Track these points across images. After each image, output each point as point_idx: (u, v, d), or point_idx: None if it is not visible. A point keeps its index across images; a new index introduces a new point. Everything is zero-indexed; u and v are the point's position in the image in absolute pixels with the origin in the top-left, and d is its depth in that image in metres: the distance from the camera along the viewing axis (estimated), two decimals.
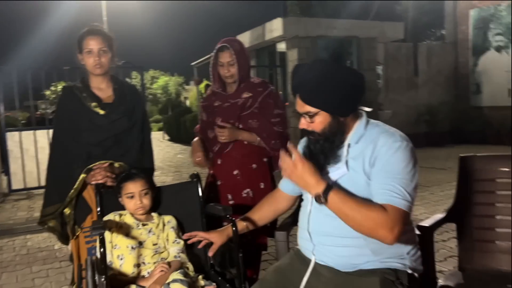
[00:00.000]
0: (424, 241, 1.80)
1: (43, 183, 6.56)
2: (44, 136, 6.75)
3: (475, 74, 10.99)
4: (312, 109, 1.47)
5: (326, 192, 1.39)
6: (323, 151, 1.50)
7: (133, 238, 1.87)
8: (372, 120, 1.57)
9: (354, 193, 1.45)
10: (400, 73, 10.94)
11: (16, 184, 6.80)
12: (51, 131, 6.81)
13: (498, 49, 10.48)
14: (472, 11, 10.91)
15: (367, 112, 1.57)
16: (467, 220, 2.01)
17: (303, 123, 1.52)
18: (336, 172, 1.49)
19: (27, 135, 6.85)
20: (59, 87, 8.15)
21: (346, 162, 1.48)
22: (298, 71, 1.53)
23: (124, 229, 1.88)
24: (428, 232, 1.83)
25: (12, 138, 6.77)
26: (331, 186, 1.41)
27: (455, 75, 11.49)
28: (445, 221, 2.03)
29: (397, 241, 1.45)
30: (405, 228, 1.39)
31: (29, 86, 7.01)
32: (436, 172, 6.94)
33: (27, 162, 6.79)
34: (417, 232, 1.69)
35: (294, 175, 1.44)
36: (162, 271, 1.75)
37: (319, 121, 1.48)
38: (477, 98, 10.97)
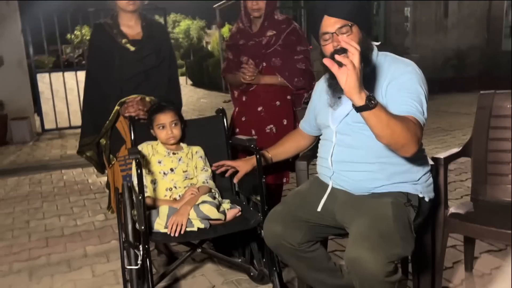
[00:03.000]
0: (437, 172, 1.90)
1: (73, 123, 6.93)
2: (72, 78, 6.95)
3: (509, 16, 10.49)
4: (348, 23, 1.52)
5: (370, 102, 1.30)
6: None
7: (165, 165, 2.03)
8: (381, 51, 1.64)
9: None
10: (429, 15, 10.55)
11: (48, 124, 7.11)
12: (79, 72, 6.99)
13: None
14: None
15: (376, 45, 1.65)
16: (482, 154, 2.08)
17: (335, 43, 1.51)
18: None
19: (57, 76, 7.06)
20: (84, 31, 8.17)
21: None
22: None
23: (156, 157, 2.04)
24: (442, 164, 1.92)
25: (43, 80, 7.00)
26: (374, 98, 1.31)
27: (487, 18, 11.00)
28: (460, 155, 2.11)
29: (411, 167, 1.56)
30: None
31: (56, 30, 7.08)
32: (460, 117, 6.90)
33: (57, 103, 7.04)
34: (431, 163, 1.79)
35: (352, 74, 1.26)
36: (192, 194, 1.91)
37: (352, 36, 1.51)
38: (509, 42, 10.56)
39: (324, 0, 1.58)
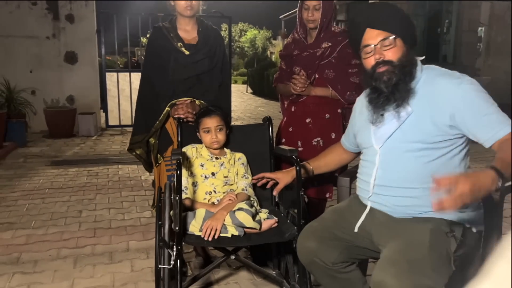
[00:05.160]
0: (492, 202, 1.75)
1: None
2: (138, 79, 7.24)
3: None
4: (391, 35, 1.48)
5: (498, 173, 1.23)
6: (397, 85, 1.47)
7: (207, 169, 2.05)
8: (425, 65, 1.56)
9: (418, 135, 1.46)
10: (505, 36, 9.93)
11: (112, 121, 7.46)
12: None
13: None
14: None
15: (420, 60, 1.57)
16: None
17: (377, 55, 1.49)
18: (401, 114, 1.49)
19: (124, 76, 7.40)
20: None
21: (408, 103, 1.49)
22: (367, 7, 1.59)
23: (199, 160, 2.06)
24: (498, 194, 1.77)
25: (111, 78, 7.37)
26: (492, 167, 1.24)
27: None
28: None
29: None
30: None
31: (127, 32, 7.41)
32: None
33: (122, 101, 7.38)
34: None
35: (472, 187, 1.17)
36: (230, 200, 1.91)
37: (395, 49, 1.48)
38: None
39: (366, 12, 1.55)
